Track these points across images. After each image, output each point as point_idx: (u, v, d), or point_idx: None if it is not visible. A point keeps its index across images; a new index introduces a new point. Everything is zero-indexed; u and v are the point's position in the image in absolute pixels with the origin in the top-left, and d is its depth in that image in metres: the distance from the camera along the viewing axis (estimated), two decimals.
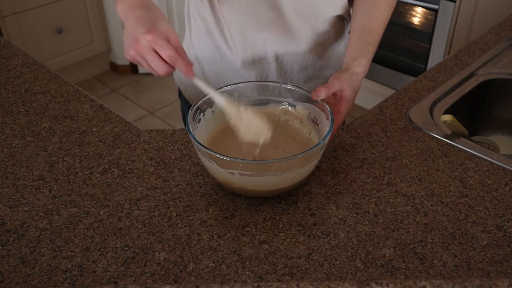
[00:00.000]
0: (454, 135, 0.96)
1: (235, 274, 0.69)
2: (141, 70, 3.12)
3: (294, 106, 0.91)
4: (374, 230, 0.76)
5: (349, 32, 1.04)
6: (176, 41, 0.77)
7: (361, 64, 0.90)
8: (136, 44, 0.75)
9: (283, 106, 0.93)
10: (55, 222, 0.78)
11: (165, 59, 0.76)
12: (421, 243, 0.74)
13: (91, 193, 0.83)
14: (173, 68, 0.78)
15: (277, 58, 1.01)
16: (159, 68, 0.76)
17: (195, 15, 1.03)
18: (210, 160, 0.76)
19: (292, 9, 0.95)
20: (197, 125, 0.85)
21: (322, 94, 0.83)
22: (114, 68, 3.15)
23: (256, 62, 1.02)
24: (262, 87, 0.94)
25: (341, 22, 1.05)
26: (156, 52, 0.76)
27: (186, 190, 0.83)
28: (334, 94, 0.87)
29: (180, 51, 0.77)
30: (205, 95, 0.86)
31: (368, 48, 0.92)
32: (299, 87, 0.90)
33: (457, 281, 0.59)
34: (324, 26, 1.01)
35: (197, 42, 1.06)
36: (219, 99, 0.82)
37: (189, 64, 0.77)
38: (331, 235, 0.75)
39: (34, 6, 2.61)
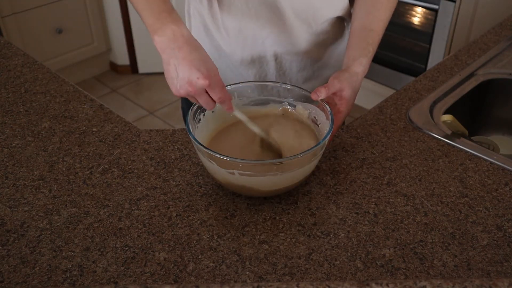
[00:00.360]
0: (454, 135, 0.96)
1: (235, 274, 0.69)
2: (141, 70, 3.12)
3: (294, 106, 0.92)
4: (374, 230, 0.76)
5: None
6: (219, 77, 0.80)
7: (361, 64, 0.90)
8: (190, 87, 0.77)
9: (283, 106, 0.93)
10: (55, 222, 0.78)
11: (215, 100, 0.79)
12: (421, 243, 0.74)
13: (91, 193, 0.83)
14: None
15: (276, 57, 1.02)
16: (208, 106, 0.81)
17: (194, 13, 1.03)
18: (210, 160, 0.76)
19: (291, 10, 0.95)
20: (197, 125, 0.85)
21: (322, 94, 0.84)
22: (114, 68, 3.15)
23: (255, 61, 1.02)
24: (262, 87, 0.94)
25: (341, 23, 1.05)
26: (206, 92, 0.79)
27: (186, 190, 0.83)
28: (334, 94, 0.87)
29: (222, 86, 0.80)
30: None
31: (369, 48, 0.92)
32: (299, 87, 0.90)
33: (457, 281, 0.59)
34: (324, 27, 1.01)
35: (197, 39, 1.05)
36: (254, 127, 0.85)
37: (230, 100, 0.81)
38: (331, 235, 0.75)
39: (34, 6, 2.61)
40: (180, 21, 0.79)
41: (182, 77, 0.77)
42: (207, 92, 0.78)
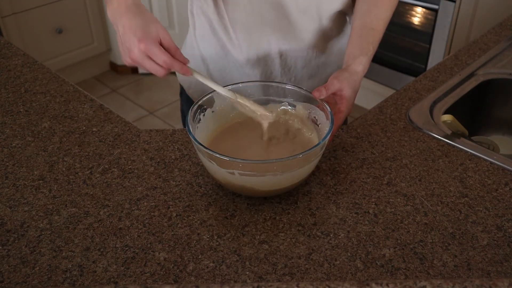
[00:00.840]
0: (454, 135, 0.96)
1: (235, 274, 0.69)
2: (141, 70, 3.12)
3: (294, 106, 0.92)
4: (374, 230, 0.76)
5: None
6: (169, 41, 0.77)
7: (361, 63, 0.90)
8: (131, 53, 0.76)
9: (283, 107, 0.93)
10: (55, 222, 0.78)
11: (161, 64, 0.77)
12: (421, 243, 0.74)
13: (91, 193, 0.83)
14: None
15: (281, 54, 1.02)
16: (157, 72, 0.78)
17: (198, 13, 1.03)
18: (210, 160, 0.76)
19: (295, 5, 0.95)
20: (197, 125, 0.85)
21: (322, 93, 0.84)
22: (114, 68, 3.15)
23: (260, 60, 1.02)
24: (262, 87, 0.94)
25: (343, 17, 1.05)
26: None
27: (186, 190, 0.83)
28: (334, 94, 0.87)
29: (173, 51, 0.78)
30: (206, 95, 0.87)
31: (369, 47, 0.92)
32: (299, 87, 0.90)
33: (457, 281, 0.59)
34: (327, 21, 1.01)
35: (202, 39, 1.06)
36: (220, 89, 0.83)
37: (184, 62, 0.79)
38: (331, 235, 0.75)
39: (34, 6, 2.61)
40: None
41: (124, 46, 0.78)
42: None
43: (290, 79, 1.06)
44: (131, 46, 0.76)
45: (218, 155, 0.73)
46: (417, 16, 2.33)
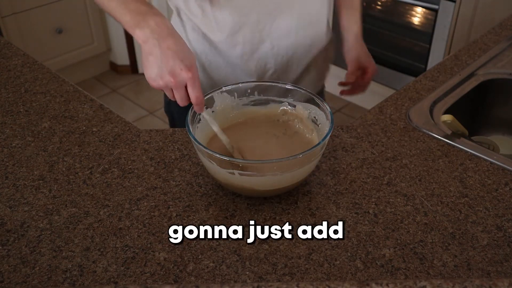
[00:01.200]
0: (454, 135, 0.96)
1: (235, 274, 0.69)
2: (141, 70, 3.12)
3: (294, 106, 0.92)
4: (374, 230, 0.76)
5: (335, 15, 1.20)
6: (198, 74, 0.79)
7: (352, 31, 1.12)
8: (172, 77, 0.76)
9: (283, 107, 0.93)
10: (55, 222, 0.78)
11: (192, 97, 0.78)
12: (421, 243, 0.74)
13: (91, 193, 0.83)
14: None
15: (273, 46, 1.04)
16: (183, 102, 0.79)
17: (187, 20, 1.04)
18: (210, 160, 0.76)
19: None
20: (197, 125, 0.85)
21: (353, 78, 1.04)
22: (114, 68, 3.15)
23: (254, 54, 1.04)
24: (262, 87, 0.94)
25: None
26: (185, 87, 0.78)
27: (186, 190, 0.83)
28: (358, 68, 1.09)
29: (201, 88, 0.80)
30: (206, 95, 0.87)
31: (355, 14, 1.13)
32: (299, 87, 0.90)
33: (457, 281, 0.59)
34: (311, 5, 1.05)
35: (195, 41, 1.06)
36: (222, 135, 0.84)
37: (203, 102, 0.80)
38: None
39: (34, 6, 2.61)
40: (162, 15, 0.79)
41: (164, 67, 0.76)
42: (185, 87, 0.78)
43: (282, 68, 1.07)
44: (176, 69, 0.75)
45: (218, 155, 0.73)
46: (417, 16, 2.33)
